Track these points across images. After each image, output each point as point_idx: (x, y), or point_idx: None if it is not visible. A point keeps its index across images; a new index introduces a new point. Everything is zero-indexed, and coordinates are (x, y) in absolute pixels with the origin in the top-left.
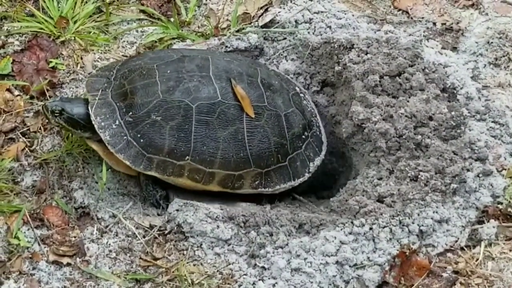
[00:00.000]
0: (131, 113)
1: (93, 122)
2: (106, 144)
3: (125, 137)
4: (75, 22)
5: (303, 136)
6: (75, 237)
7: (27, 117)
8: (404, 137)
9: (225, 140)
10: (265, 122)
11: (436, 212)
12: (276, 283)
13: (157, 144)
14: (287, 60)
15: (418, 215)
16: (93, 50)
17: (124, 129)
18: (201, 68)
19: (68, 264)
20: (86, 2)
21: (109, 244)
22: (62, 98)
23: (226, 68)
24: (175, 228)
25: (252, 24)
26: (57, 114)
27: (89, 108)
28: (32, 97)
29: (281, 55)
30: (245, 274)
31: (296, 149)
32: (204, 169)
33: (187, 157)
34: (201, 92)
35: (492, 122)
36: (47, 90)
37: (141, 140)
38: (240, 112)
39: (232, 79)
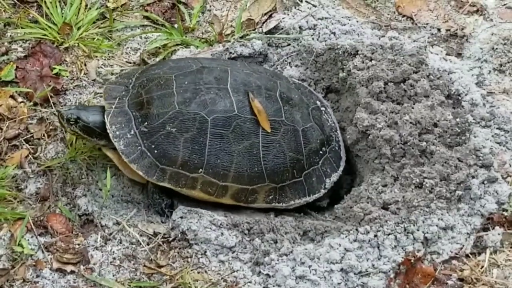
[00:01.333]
0: (146, 123)
1: (108, 131)
2: (120, 154)
3: (139, 147)
4: (78, 29)
5: (321, 152)
6: (79, 244)
7: (31, 124)
8: (409, 143)
9: (240, 154)
10: (281, 137)
11: (441, 219)
12: None
13: (170, 156)
14: (291, 66)
15: (423, 222)
16: (96, 56)
17: (138, 139)
18: (219, 80)
19: (72, 272)
20: (90, 8)
21: (113, 252)
22: (77, 106)
23: (245, 81)
24: (179, 235)
25: (256, 30)
26: (73, 122)
27: (105, 116)
28: (35, 104)
29: (285, 61)
30: (249, 282)
31: (313, 164)
32: (218, 182)
33: (201, 169)
34: (217, 105)
35: (497, 128)
36: (51, 96)
37: (155, 151)
38: (256, 126)
39: (250, 93)
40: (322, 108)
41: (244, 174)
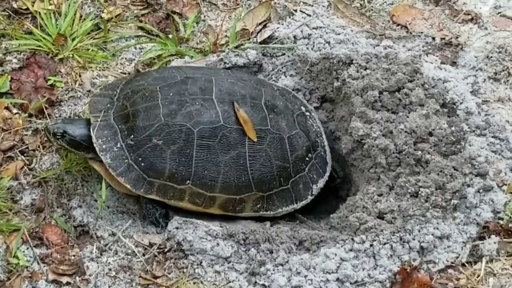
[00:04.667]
0: (132, 136)
1: (94, 145)
2: (107, 167)
3: (126, 160)
4: (73, 40)
5: (307, 158)
6: (74, 255)
7: (26, 135)
8: (404, 153)
9: (227, 164)
10: (267, 146)
11: (437, 228)
12: None
13: (158, 168)
14: (286, 76)
15: (419, 231)
16: (91, 67)
17: (125, 152)
18: (204, 90)
19: (68, 283)
20: (84, 19)
21: (109, 263)
22: (64, 120)
23: (230, 90)
24: (175, 246)
25: (250, 40)
26: (59, 137)
27: (91, 130)
28: (30, 115)
29: (280, 71)
30: None
31: (299, 171)
32: (205, 193)
33: (188, 181)
34: (203, 116)
35: (492, 137)
36: (46, 108)
37: (142, 164)
38: (242, 136)
39: (235, 102)
40: (307, 114)
41: (231, 184)
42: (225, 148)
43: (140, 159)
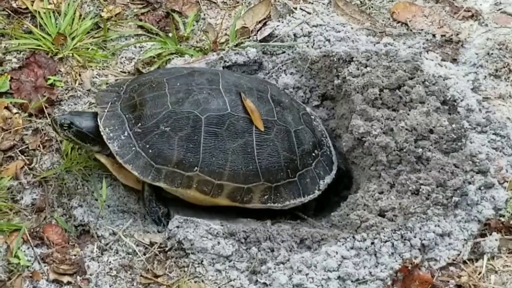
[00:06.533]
0: (140, 124)
1: (102, 133)
2: (115, 155)
3: (133, 148)
4: (73, 39)
5: (313, 154)
6: (75, 255)
7: (26, 135)
8: (404, 150)
9: (234, 152)
10: (274, 136)
11: (438, 226)
12: None
13: (165, 155)
14: (286, 74)
15: (420, 229)
16: (91, 66)
17: (132, 140)
18: (211, 81)
19: (69, 283)
20: (84, 18)
21: (110, 262)
22: (71, 111)
23: (236, 82)
24: (176, 245)
25: (250, 38)
26: (66, 128)
27: (98, 119)
28: (30, 115)
29: (280, 69)
30: None
31: (306, 165)
32: (213, 180)
33: (196, 168)
34: (211, 103)
35: (493, 134)
36: (46, 107)
37: (150, 151)
38: (249, 124)
39: (242, 93)
40: (312, 116)
41: (239, 172)
42: (232, 135)
43: (147, 146)
